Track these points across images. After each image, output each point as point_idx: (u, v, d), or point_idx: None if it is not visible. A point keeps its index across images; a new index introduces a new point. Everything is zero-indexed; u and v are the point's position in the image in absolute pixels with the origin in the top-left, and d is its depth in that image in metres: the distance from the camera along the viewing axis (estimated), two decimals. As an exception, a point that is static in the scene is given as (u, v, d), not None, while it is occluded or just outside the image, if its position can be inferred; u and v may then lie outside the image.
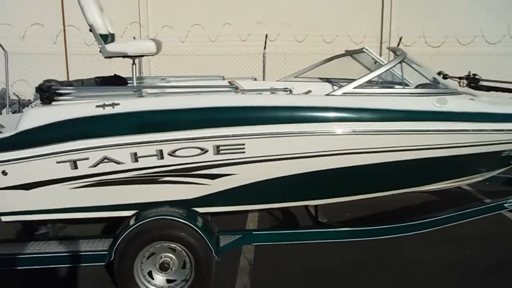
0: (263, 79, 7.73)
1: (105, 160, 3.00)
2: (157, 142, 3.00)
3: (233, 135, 3.05)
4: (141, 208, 3.18)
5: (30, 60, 10.02)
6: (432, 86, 3.65)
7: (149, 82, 4.71)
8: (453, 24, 8.68)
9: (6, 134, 3.00)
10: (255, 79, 5.12)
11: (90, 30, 3.69)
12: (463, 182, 4.03)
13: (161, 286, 3.11)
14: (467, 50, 8.66)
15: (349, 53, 4.70)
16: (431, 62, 9.16)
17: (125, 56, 3.80)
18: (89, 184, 3.07)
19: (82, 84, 3.87)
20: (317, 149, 3.17)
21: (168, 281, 3.13)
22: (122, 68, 8.44)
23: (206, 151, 3.07)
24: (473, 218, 3.79)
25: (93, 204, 3.15)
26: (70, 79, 6.96)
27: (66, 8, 9.92)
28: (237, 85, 4.69)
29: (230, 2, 9.17)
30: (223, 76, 5.04)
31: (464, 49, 8.67)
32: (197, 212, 3.22)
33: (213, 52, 8.70)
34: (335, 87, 4.46)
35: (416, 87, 3.53)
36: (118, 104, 3.02)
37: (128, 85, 4.35)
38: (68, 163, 2.99)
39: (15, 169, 2.99)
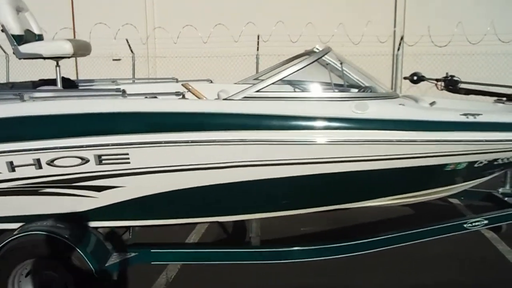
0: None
1: None
2: (32, 150, 2.73)
3: (115, 144, 2.71)
4: (27, 221, 2.92)
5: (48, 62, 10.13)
6: (361, 90, 3.17)
7: (98, 85, 4.50)
8: (461, 21, 7.93)
9: None
10: (211, 82, 4.78)
11: (2, 31, 3.52)
12: (421, 198, 3.50)
13: (43, 307, 2.87)
14: (477, 49, 7.89)
15: (308, 53, 4.24)
16: (438, 62, 8.47)
17: (40, 57, 3.58)
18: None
19: (12, 87, 3.70)
20: (209, 160, 2.76)
21: (49, 301, 2.89)
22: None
23: (87, 161, 2.74)
24: (428, 239, 3.31)
25: None
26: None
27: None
28: (190, 88, 4.40)
29: (221, 2, 8.88)
30: (176, 79, 4.75)
31: (473, 48, 7.91)
32: (83, 226, 2.89)
33: (205, 54, 8.43)
34: (297, 90, 4.06)
35: (340, 91, 3.07)
36: (-7, 108, 2.79)
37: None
38: None
39: None
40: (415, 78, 4.70)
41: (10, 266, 2.74)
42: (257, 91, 2.80)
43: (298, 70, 2.90)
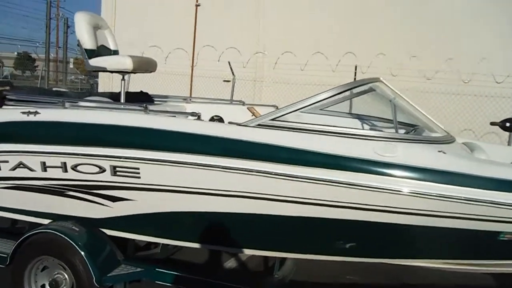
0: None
1: (21, 166, 3.00)
2: (61, 154, 2.90)
3: (128, 157, 2.73)
4: (55, 218, 3.09)
5: (168, 79, 11.08)
6: (396, 129, 2.72)
7: (170, 101, 4.69)
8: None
9: None
10: (277, 107, 4.66)
11: (78, 45, 3.87)
12: (471, 268, 2.87)
13: (51, 303, 2.98)
14: None
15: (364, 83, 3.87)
16: None
17: (105, 70, 3.84)
18: (11, 186, 3.11)
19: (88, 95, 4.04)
20: (213, 186, 2.60)
21: (59, 299, 2.98)
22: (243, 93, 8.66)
23: (104, 170, 2.81)
24: None
25: (16, 207, 3.16)
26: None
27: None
28: (254, 112, 4.35)
29: (321, 31, 8.67)
30: (243, 102, 4.74)
31: None
32: (98, 234, 2.94)
33: (301, 81, 8.29)
34: (370, 127, 3.74)
35: (371, 128, 2.67)
36: (39, 113, 3.03)
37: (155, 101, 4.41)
38: (-6, 163, 3.11)
39: None
40: (507, 124, 4.00)
41: (27, 259, 2.92)
42: (273, 119, 2.60)
43: (315, 103, 2.64)
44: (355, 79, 7.87)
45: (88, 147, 2.80)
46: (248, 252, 2.96)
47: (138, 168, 2.72)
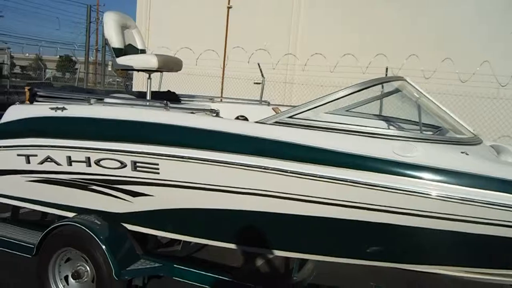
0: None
1: (48, 160, 3.10)
2: (85, 149, 2.97)
3: (147, 153, 2.76)
4: (79, 212, 3.18)
5: (199, 80, 11.24)
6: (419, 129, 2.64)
7: (196, 101, 4.75)
8: None
9: None
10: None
11: (106, 44, 3.98)
12: (496, 279, 2.74)
13: (73, 294, 3.05)
14: None
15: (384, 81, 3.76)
16: None
17: (131, 69, 3.94)
18: (39, 180, 3.22)
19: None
20: (234, 184, 2.58)
21: (81, 290, 3.06)
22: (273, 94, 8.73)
23: (125, 166, 2.86)
24: None
25: (43, 199, 3.27)
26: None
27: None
28: (278, 113, 4.34)
29: (352, 32, 8.53)
30: (268, 102, 4.74)
31: None
32: (119, 228, 2.99)
33: (330, 83, 8.19)
34: (394, 127, 3.68)
35: (392, 128, 2.59)
36: (66, 108, 3.13)
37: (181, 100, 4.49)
38: (24, 157, 3.21)
39: None
40: None
41: (52, 250, 3.01)
42: (290, 117, 2.58)
43: (333, 100, 2.59)
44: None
45: (110, 142, 2.86)
46: (264, 251, 2.94)
47: (157, 164, 2.76)
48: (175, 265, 2.95)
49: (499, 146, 2.80)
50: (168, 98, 4.19)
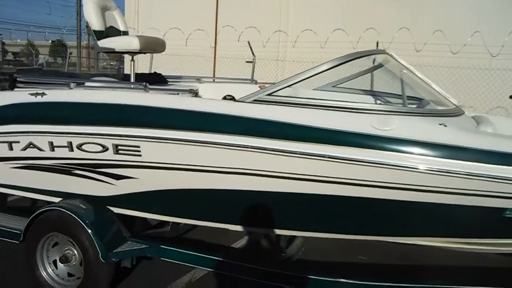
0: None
1: (31, 146, 3.08)
2: (66, 134, 2.95)
3: (128, 136, 2.75)
4: (65, 197, 3.18)
5: (191, 61, 11.11)
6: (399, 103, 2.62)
7: (183, 81, 4.71)
8: None
9: None
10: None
11: (86, 27, 3.92)
12: (478, 248, 2.77)
13: (62, 278, 3.04)
14: None
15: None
16: None
17: (113, 51, 3.87)
18: (23, 166, 3.21)
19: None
20: (214, 164, 2.60)
21: (69, 274, 3.05)
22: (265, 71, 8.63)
23: (107, 149, 2.84)
24: None
25: (28, 186, 3.26)
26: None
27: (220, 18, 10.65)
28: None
29: (342, 6, 8.40)
30: (256, 81, 4.70)
31: None
32: (104, 211, 2.99)
33: (321, 59, 8.10)
34: (378, 101, 3.66)
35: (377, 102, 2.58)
36: (46, 94, 3.09)
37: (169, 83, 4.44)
38: (6, 144, 3.19)
39: None
40: None
41: (38, 235, 3.03)
42: (269, 94, 2.56)
43: (311, 76, 2.57)
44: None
45: (91, 126, 2.83)
46: (249, 230, 2.96)
47: (138, 146, 2.74)
48: (161, 246, 2.97)
49: (480, 117, 2.79)
50: (154, 80, 4.17)
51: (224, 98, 4.38)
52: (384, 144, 2.26)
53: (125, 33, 4.20)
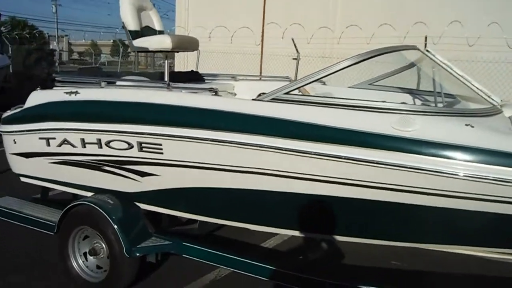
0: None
1: (65, 142, 3.21)
2: (95, 131, 3.05)
3: (150, 134, 2.78)
4: (96, 191, 3.29)
5: (237, 59, 11.22)
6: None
7: (219, 79, 4.73)
8: None
9: (17, 110, 3.61)
10: (324, 83, 4.49)
11: (123, 27, 4.02)
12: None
13: (91, 270, 3.15)
14: None
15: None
16: None
17: (147, 50, 3.95)
18: (59, 161, 3.36)
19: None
20: (232, 163, 2.57)
21: (98, 266, 3.15)
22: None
23: (132, 147, 2.90)
24: None
25: (64, 180, 3.41)
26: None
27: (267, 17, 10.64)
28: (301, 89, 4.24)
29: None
30: (290, 78, 4.64)
31: None
32: (131, 207, 3.06)
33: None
34: (417, 100, 3.51)
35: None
36: (78, 92, 3.21)
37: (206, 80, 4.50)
38: (44, 140, 3.35)
39: (19, 139, 3.56)
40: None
41: (70, 228, 3.15)
42: (286, 93, 2.49)
43: (334, 72, 2.46)
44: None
45: (117, 124, 2.91)
46: (273, 230, 2.90)
47: (160, 144, 2.78)
48: (183, 243, 3.00)
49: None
50: (190, 78, 4.22)
51: (259, 95, 4.36)
52: (403, 145, 2.12)
53: (161, 32, 4.28)
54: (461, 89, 2.86)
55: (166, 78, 3.75)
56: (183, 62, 12.20)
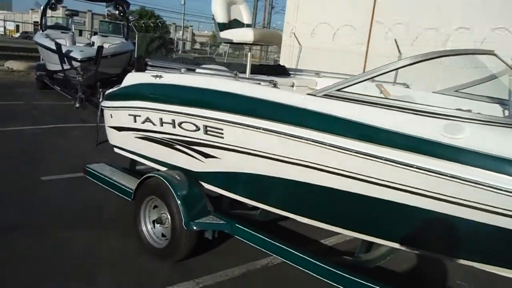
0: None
1: (148, 120, 3.59)
2: (171, 112, 3.34)
3: (214, 118, 2.98)
4: (169, 167, 3.59)
5: (339, 57, 11.15)
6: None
7: (304, 75, 4.81)
8: None
9: (116, 88, 4.10)
10: (407, 86, 4.32)
11: (213, 19, 4.29)
12: None
13: (157, 236, 3.48)
14: None
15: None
16: None
17: (231, 42, 4.17)
18: (142, 137, 3.73)
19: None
20: (282, 153, 2.63)
21: (162, 234, 3.46)
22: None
23: (199, 129, 3.14)
24: None
25: (145, 154, 3.79)
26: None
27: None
28: (382, 90, 4.15)
29: None
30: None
31: None
32: (195, 184, 3.30)
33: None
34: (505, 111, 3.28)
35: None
36: (162, 76, 3.55)
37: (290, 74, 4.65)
38: (132, 117, 3.76)
39: (115, 114, 4.04)
40: None
41: (142, 196, 3.52)
42: (339, 89, 2.49)
43: (386, 72, 2.39)
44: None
45: (188, 107, 3.17)
46: (313, 222, 2.90)
47: (222, 129, 2.97)
48: (236, 224, 3.17)
49: None
50: (275, 72, 4.37)
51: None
52: (447, 153, 2.02)
53: (249, 26, 4.48)
54: None
55: (248, 69, 3.96)
56: (288, 57, 12.39)
